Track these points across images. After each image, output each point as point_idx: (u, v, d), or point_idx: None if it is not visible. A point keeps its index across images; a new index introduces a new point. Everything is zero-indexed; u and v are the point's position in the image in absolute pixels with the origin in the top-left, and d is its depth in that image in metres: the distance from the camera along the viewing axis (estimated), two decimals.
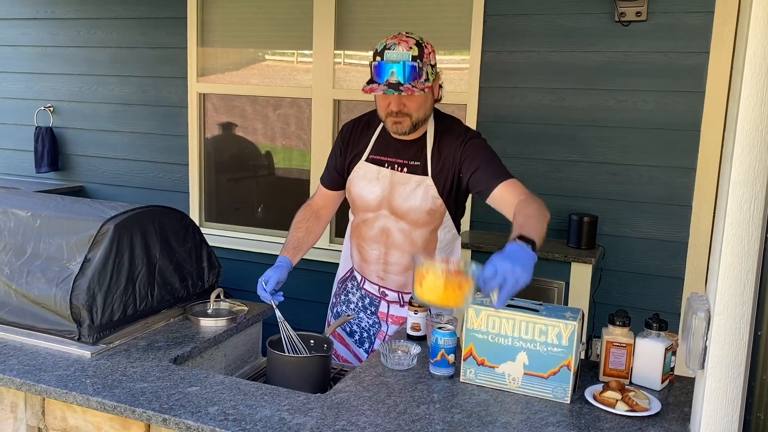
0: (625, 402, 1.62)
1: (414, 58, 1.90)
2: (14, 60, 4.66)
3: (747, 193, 1.23)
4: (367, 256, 2.22)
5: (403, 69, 1.88)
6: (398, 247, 2.15)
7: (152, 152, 4.36)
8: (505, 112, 3.52)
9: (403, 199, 2.08)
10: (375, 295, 2.28)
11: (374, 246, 2.19)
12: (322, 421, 1.53)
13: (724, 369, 1.29)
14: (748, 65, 1.21)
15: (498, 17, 3.47)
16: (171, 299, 2.23)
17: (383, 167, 2.12)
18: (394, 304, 2.26)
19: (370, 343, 2.31)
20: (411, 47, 1.90)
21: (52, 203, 2.23)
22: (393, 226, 2.13)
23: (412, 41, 1.92)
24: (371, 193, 2.13)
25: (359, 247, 2.25)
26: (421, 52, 1.92)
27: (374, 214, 2.15)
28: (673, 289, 3.31)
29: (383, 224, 2.15)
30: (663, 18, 3.19)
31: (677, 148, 3.24)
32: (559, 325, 1.66)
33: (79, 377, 1.74)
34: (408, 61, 1.88)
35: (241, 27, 4.11)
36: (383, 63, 1.90)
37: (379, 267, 2.21)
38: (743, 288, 1.26)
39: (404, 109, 1.96)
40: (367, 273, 2.26)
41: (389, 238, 2.15)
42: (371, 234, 2.18)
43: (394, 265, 2.19)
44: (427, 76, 1.94)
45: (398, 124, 1.99)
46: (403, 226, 2.12)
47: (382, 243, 2.17)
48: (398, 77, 1.88)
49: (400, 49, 1.89)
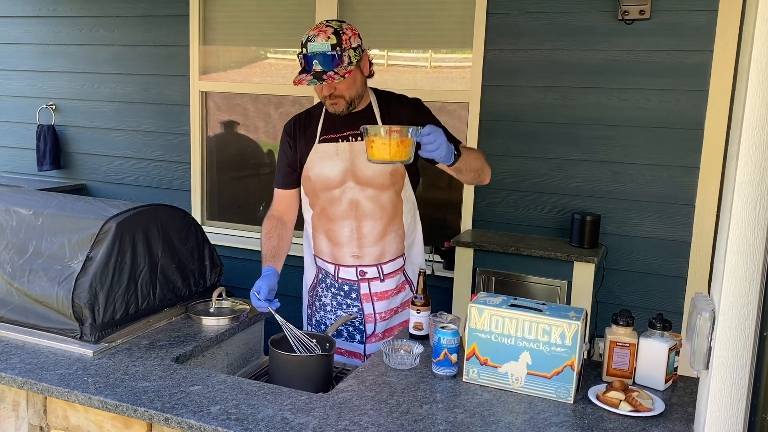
0: (628, 402, 1.61)
1: (333, 47, 2.03)
2: (17, 58, 4.66)
3: (753, 193, 1.23)
4: (338, 237, 2.25)
5: (324, 59, 2.02)
6: (369, 215, 2.22)
7: (154, 150, 4.35)
8: (507, 111, 3.51)
9: (366, 166, 2.17)
10: (353, 280, 2.29)
11: (345, 223, 2.23)
12: (325, 421, 1.53)
13: (728, 369, 1.29)
14: (754, 63, 1.20)
15: (501, 15, 3.46)
16: (173, 298, 2.23)
17: (339, 142, 2.21)
18: (375, 280, 2.28)
19: (361, 332, 2.31)
20: (329, 36, 2.03)
21: (54, 202, 2.22)
22: (360, 196, 2.20)
23: (330, 30, 2.05)
24: (334, 168, 2.20)
25: (327, 232, 2.28)
26: (339, 39, 2.04)
27: (340, 190, 2.21)
28: (676, 288, 3.30)
29: (350, 196, 2.21)
30: (666, 16, 3.17)
31: (680, 146, 3.23)
32: (563, 324, 1.65)
33: (81, 376, 1.74)
34: (327, 51, 2.02)
35: (243, 25, 4.11)
36: (307, 55, 2.05)
37: (353, 244, 2.24)
38: (749, 288, 1.25)
39: (335, 92, 2.11)
40: (340, 257, 2.28)
41: (359, 209, 2.21)
42: (340, 211, 2.23)
43: (367, 237, 2.24)
44: (350, 59, 2.06)
45: (335, 105, 2.14)
46: (371, 192, 2.20)
47: (352, 217, 2.22)
48: (321, 67, 2.03)
49: (319, 40, 2.03)
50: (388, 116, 2.21)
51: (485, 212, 3.61)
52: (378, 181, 2.19)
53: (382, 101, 2.25)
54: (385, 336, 2.31)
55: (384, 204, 2.22)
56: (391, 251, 2.28)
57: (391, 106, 2.24)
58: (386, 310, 2.30)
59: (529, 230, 3.53)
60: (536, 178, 3.51)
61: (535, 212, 3.53)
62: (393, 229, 2.26)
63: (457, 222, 3.70)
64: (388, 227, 2.25)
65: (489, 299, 1.77)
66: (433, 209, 3.86)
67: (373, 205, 2.21)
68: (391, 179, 2.21)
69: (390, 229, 2.25)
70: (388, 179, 2.20)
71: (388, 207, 2.23)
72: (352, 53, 2.07)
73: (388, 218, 2.24)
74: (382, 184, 2.20)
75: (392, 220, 2.25)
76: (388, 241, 2.26)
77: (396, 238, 2.28)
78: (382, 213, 2.22)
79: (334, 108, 2.15)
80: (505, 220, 3.59)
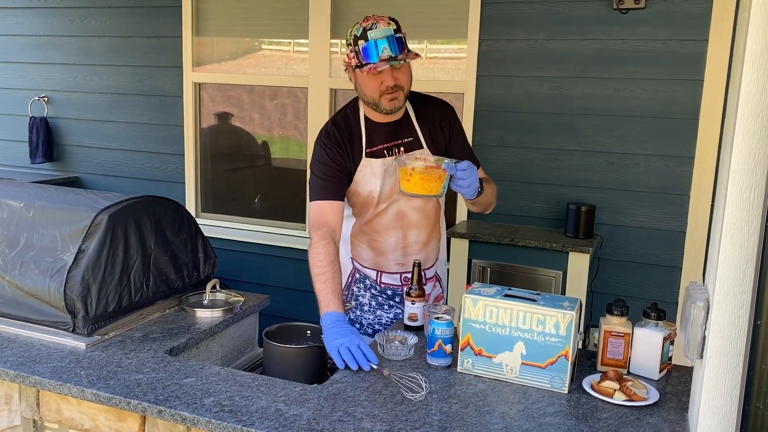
0: (623, 392, 1.61)
1: (396, 31, 1.95)
2: (8, 49, 4.62)
3: (747, 181, 1.22)
4: (383, 247, 2.22)
5: (392, 42, 1.92)
6: (415, 225, 2.20)
7: (147, 142, 4.33)
8: (502, 101, 3.50)
9: None
10: (396, 285, 2.27)
11: (391, 233, 2.19)
12: (319, 412, 1.53)
13: (723, 358, 1.28)
14: (749, 52, 1.19)
15: (495, 5, 3.44)
16: (166, 290, 2.22)
17: (385, 157, 2.13)
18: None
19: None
20: (389, 23, 1.96)
21: (45, 194, 2.21)
22: (407, 206, 2.17)
23: (387, 18, 1.97)
24: (385, 184, 2.12)
25: (371, 242, 2.23)
26: (398, 26, 1.98)
27: (388, 203, 2.15)
28: (671, 278, 3.31)
29: (397, 208, 2.17)
30: (662, 5, 3.16)
31: (675, 136, 3.23)
32: (557, 314, 1.65)
33: (74, 369, 1.73)
34: (393, 35, 1.93)
35: (236, 16, 4.08)
36: (371, 42, 1.92)
37: (398, 253, 2.22)
38: (743, 277, 1.24)
39: (398, 82, 1.99)
40: (384, 265, 2.25)
41: (405, 219, 2.18)
42: (386, 222, 2.18)
43: (413, 246, 2.22)
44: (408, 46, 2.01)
45: (395, 99, 2.01)
46: (417, 203, 2.17)
47: (398, 227, 2.19)
48: (390, 51, 1.92)
49: (381, 25, 1.93)
50: (422, 123, 2.15)
51: None
52: None
53: (416, 105, 2.16)
54: None
55: (428, 213, 2.21)
56: (433, 257, 2.29)
57: (424, 111, 2.16)
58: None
59: (524, 221, 3.53)
60: (531, 168, 3.50)
61: (530, 203, 3.53)
62: (435, 235, 2.27)
63: (452, 213, 3.69)
64: (432, 234, 2.25)
65: (483, 290, 1.76)
66: None
67: (419, 215, 2.19)
68: None
69: (433, 235, 2.26)
70: None
71: (432, 215, 2.23)
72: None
73: (431, 226, 2.24)
74: None
75: (435, 226, 2.26)
76: (431, 248, 2.27)
77: (437, 244, 2.29)
78: (427, 222, 2.22)
79: (393, 104, 2.01)
80: (500, 211, 3.57)
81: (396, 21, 1.98)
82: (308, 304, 3.24)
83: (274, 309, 2.46)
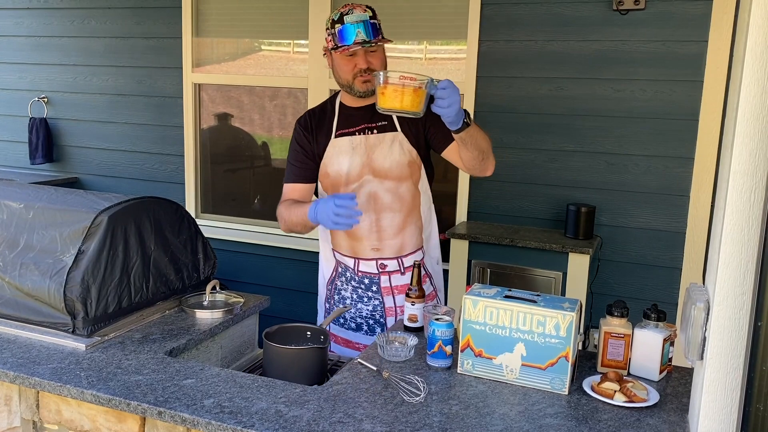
0: (623, 393, 1.61)
1: (371, 17, 2.08)
2: (8, 50, 4.62)
3: (747, 183, 1.22)
4: (357, 231, 2.24)
5: (366, 27, 2.05)
6: (388, 207, 2.21)
7: (147, 143, 4.33)
8: (502, 102, 3.50)
9: (383, 158, 2.17)
10: (373, 273, 2.28)
11: (364, 216, 2.21)
12: (319, 414, 1.52)
13: (723, 360, 1.28)
14: (749, 53, 1.19)
15: (495, 6, 3.45)
16: (166, 291, 2.22)
17: (354, 136, 2.20)
18: (395, 273, 2.27)
19: (382, 325, 2.31)
20: (366, 9, 2.09)
21: (45, 195, 2.20)
22: (379, 188, 2.20)
23: (364, 6, 2.10)
24: (352, 163, 2.19)
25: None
26: (374, 13, 2.10)
27: (358, 183, 2.20)
28: (671, 279, 3.31)
29: (369, 189, 2.20)
30: (661, 6, 3.16)
31: (675, 137, 3.23)
32: (557, 316, 1.65)
33: (74, 370, 1.73)
34: (368, 20, 2.06)
35: (236, 17, 4.08)
36: (347, 26, 2.05)
37: (373, 237, 2.24)
38: (743, 278, 1.24)
39: (371, 66, 2.10)
40: (360, 251, 2.26)
41: (377, 201, 2.21)
42: (359, 204, 2.20)
43: (387, 229, 2.23)
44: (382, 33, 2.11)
45: (368, 82, 2.11)
46: (389, 185, 2.19)
47: (371, 210, 2.22)
48: (364, 35, 2.05)
49: (357, 11, 2.07)
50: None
51: (480, 204, 3.61)
52: (396, 173, 2.19)
53: None
54: None
55: (402, 196, 2.21)
56: (411, 244, 2.27)
57: None
58: None
59: (524, 222, 3.53)
60: (531, 169, 3.50)
61: (530, 203, 3.53)
62: (412, 221, 2.26)
63: (452, 214, 3.69)
64: (408, 219, 2.25)
65: (483, 291, 1.76)
66: None
67: (391, 197, 2.20)
68: (409, 170, 2.20)
69: (409, 220, 2.25)
70: (406, 170, 2.19)
71: (407, 199, 2.22)
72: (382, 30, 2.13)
73: (407, 210, 2.23)
74: (400, 176, 2.19)
75: (411, 211, 2.25)
76: (408, 234, 2.26)
77: (415, 231, 2.28)
78: (401, 205, 2.22)
79: (366, 86, 2.12)
80: (500, 212, 3.59)
81: (372, 9, 2.11)
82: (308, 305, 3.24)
83: (274, 310, 2.46)
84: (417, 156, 2.20)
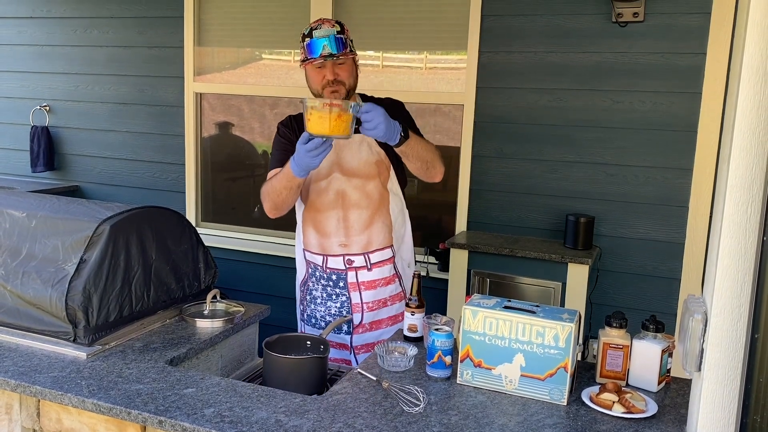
0: (621, 404, 1.62)
1: (338, 32, 2.18)
2: (10, 59, 4.64)
3: (744, 196, 1.23)
4: (325, 227, 2.31)
5: (331, 41, 2.16)
6: (355, 204, 2.29)
7: (148, 152, 4.35)
8: (502, 113, 3.52)
9: (351, 157, 2.27)
10: (340, 269, 2.33)
11: (332, 213, 2.29)
12: (319, 423, 1.53)
13: (720, 371, 1.29)
14: (745, 68, 1.20)
15: (495, 18, 3.47)
16: (167, 300, 2.23)
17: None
18: (362, 269, 2.32)
19: (348, 322, 2.34)
20: (334, 25, 2.20)
21: (47, 204, 2.22)
22: (347, 186, 2.28)
23: (332, 21, 2.21)
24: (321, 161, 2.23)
25: (315, 223, 2.33)
26: (342, 28, 2.20)
27: (326, 181, 2.29)
28: (670, 290, 3.31)
29: (337, 187, 2.28)
30: (660, 19, 3.19)
31: (674, 148, 3.24)
32: (556, 326, 1.65)
33: (75, 379, 1.74)
34: (334, 35, 2.17)
35: (238, 26, 4.11)
36: (314, 40, 2.17)
37: (340, 233, 2.30)
38: (740, 290, 1.25)
39: (338, 77, 2.20)
40: (328, 247, 2.32)
41: (345, 198, 2.28)
42: (327, 201, 2.30)
43: (354, 226, 2.30)
44: (351, 47, 2.22)
45: (335, 92, 2.21)
46: (356, 182, 2.28)
47: (339, 206, 2.29)
48: (330, 49, 2.15)
49: (325, 27, 2.18)
50: None
51: (480, 214, 3.62)
52: (363, 171, 2.28)
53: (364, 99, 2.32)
54: (373, 328, 2.34)
55: (370, 193, 2.29)
56: (377, 240, 2.32)
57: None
58: (373, 300, 2.34)
59: (523, 232, 3.54)
60: (531, 179, 3.51)
61: (530, 214, 3.54)
62: (379, 219, 2.32)
63: (451, 223, 3.70)
64: (375, 216, 2.31)
65: (483, 301, 1.77)
66: (428, 211, 3.87)
67: (359, 195, 2.28)
68: (377, 169, 2.29)
69: (376, 218, 2.31)
70: (374, 169, 2.29)
71: (374, 196, 2.30)
72: (352, 44, 2.23)
73: (374, 207, 2.30)
74: (367, 174, 2.28)
75: (378, 209, 2.31)
76: (375, 230, 2.31)
77: (383, 228, 2.33)
78: (369, 202, 2.30)
79: (334, 95, 2.20)
80: (499, 222, 3.60)
81: (341, 24, 2.21)
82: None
83: (274, 319, 2.47)
84: (386, 157, 2.29)
